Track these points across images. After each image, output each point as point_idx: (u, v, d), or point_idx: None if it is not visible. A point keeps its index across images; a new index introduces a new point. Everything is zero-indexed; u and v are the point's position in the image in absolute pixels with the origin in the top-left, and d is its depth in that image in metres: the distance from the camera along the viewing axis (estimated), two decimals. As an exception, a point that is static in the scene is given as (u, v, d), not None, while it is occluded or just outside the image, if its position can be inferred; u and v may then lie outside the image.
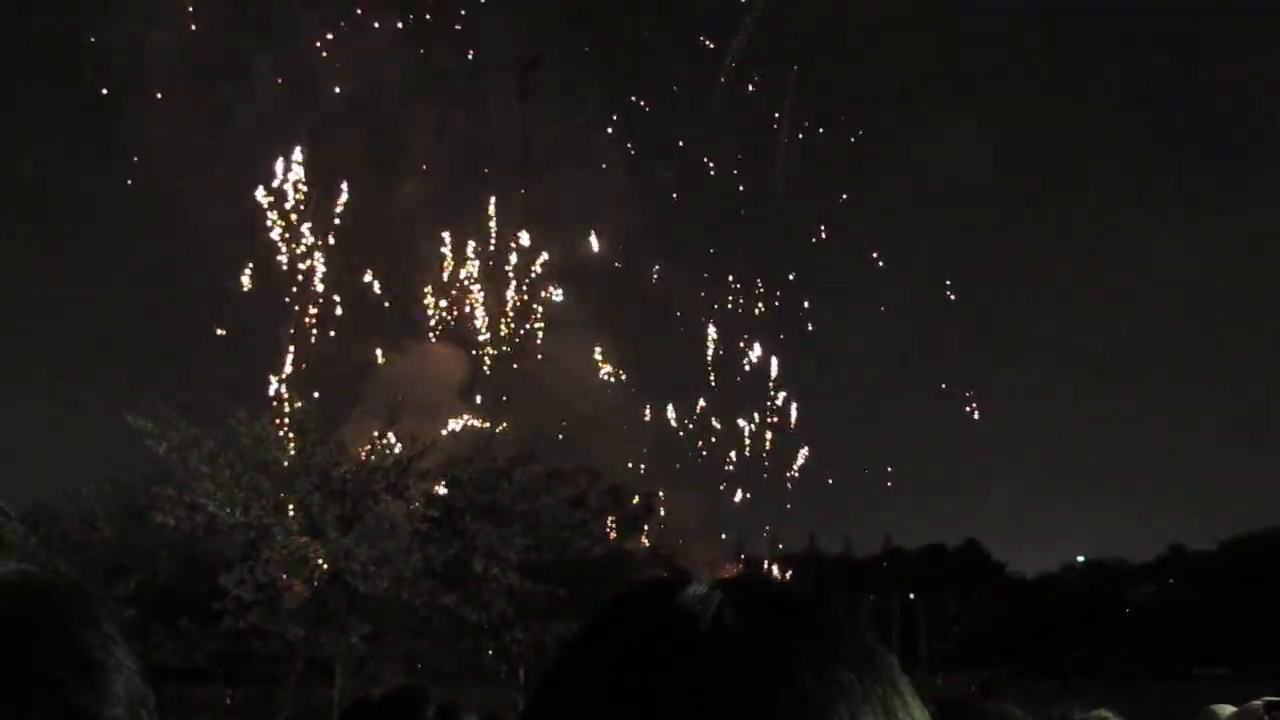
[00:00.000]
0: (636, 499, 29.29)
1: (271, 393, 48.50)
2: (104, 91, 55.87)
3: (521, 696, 26.52)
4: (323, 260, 54.67)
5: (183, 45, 55.30)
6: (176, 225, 56.19)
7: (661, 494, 59.74)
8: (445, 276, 56.87)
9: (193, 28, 54.45)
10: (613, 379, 59.88)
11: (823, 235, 67.10)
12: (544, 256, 56.99)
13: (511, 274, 56.82)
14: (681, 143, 60.50)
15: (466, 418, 53.65)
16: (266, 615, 24.83)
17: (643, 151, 60.94)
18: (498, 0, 57.46)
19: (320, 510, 24.57)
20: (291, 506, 24.80)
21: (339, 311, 55.21)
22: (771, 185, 63.65)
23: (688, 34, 60.03)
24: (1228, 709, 5.75)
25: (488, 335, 56.41)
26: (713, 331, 62.76)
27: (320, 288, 54.06)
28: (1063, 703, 2.75)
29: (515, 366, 57.16)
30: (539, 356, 56.85)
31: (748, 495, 65.91)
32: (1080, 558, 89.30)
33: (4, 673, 0.89)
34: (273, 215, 55.35)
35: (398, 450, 25.12)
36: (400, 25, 56.67)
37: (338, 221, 53.86)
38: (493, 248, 56.94)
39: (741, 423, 67.36)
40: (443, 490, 26.29)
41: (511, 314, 56.95)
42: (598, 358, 58.52)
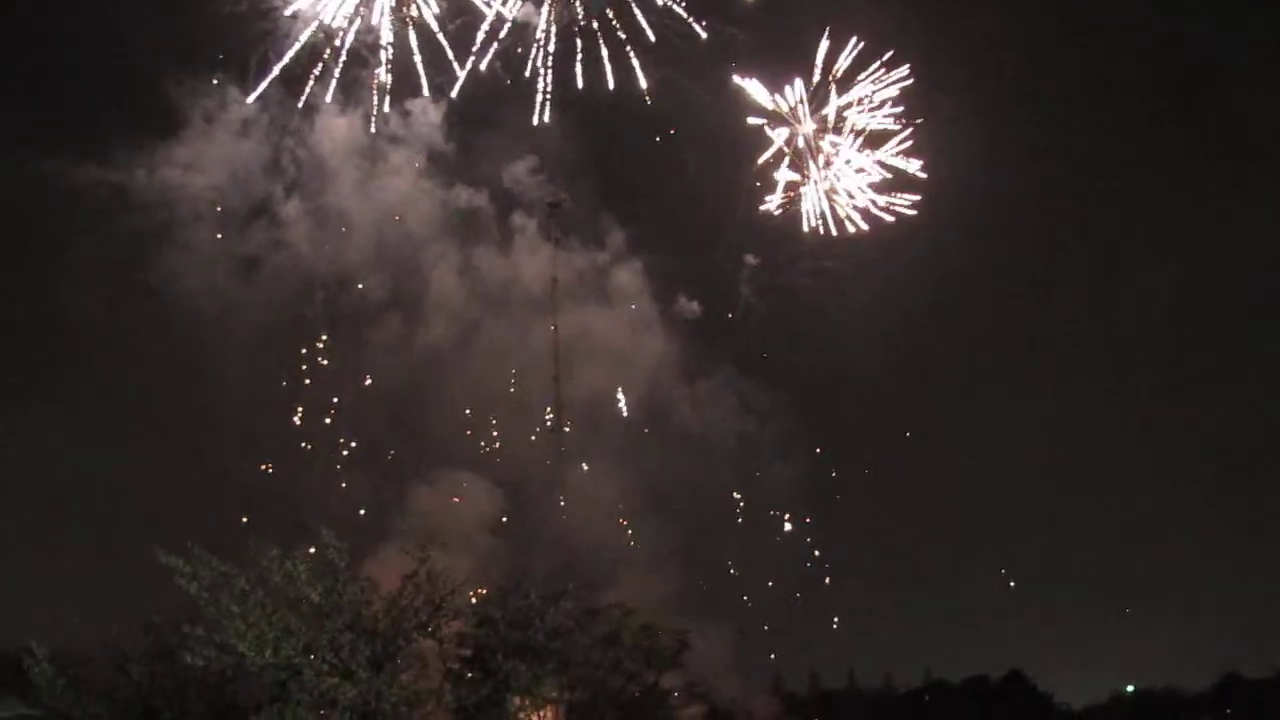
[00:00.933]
0: (668, 636, 28.81)
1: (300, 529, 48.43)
2: (138, 233, 57.58)
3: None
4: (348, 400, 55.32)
5: (216, 195, 57.04)
6: (206, 367, 57.32)
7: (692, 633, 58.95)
8: (469, 412, 57.43)
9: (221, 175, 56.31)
10: (639, 519, 59.79)
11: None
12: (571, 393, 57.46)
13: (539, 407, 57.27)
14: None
15: (496, 552, 53.46)
16: (296, 759, 24.37)
17: (666, 288, 61.75)
18: (519, 145, 59.03)
19: (351, 650, 24.30)
20: (322, 647, 24.53)
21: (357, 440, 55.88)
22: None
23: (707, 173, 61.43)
24: None
25: (517, 469, 56.59)
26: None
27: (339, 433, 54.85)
28: None
29: (547, 499, 57.06)
30: (562, 498, 56.97)
31: (783, 630, 64.72)
32: (1129, 687, 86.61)
33: None
34: (303, 357, 56.49)
35: (428, 588, 24.91)
36: (419, 164, 58.35)
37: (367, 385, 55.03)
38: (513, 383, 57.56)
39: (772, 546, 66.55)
40: (475, 629, 25.97)
41: (542, 445, 57.17)
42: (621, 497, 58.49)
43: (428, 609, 24.72)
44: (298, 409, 55.82)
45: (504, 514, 55.15)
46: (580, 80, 55.76)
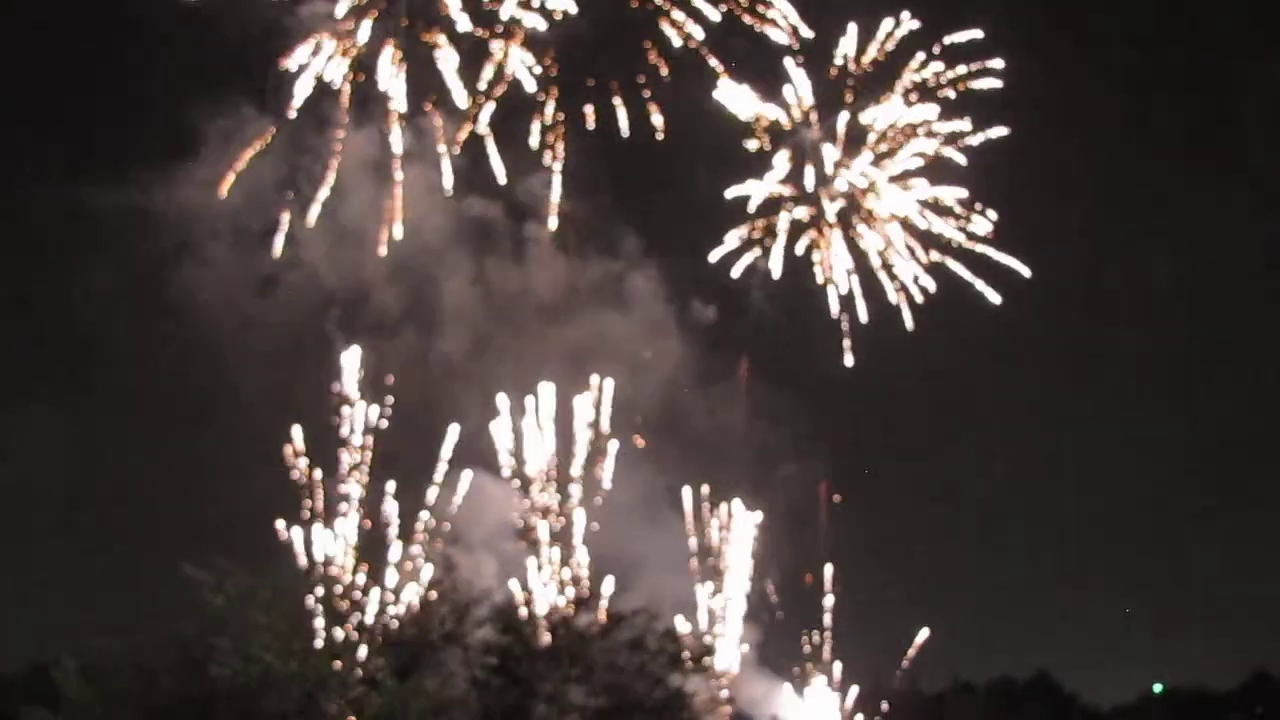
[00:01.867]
0: (700, 638, 28.75)
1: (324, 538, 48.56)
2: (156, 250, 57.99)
3: None
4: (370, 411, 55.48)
5: (232, 211, 57.39)
6: (226, 382, 57.61)
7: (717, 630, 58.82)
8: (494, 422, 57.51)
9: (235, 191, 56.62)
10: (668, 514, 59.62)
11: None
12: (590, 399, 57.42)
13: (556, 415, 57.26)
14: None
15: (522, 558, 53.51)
16: (323, 768, 24.45)
17: (681, 292, 61.63)
18: (533, 156, 59.04)
19: (377, 659, 24.37)
20: (348, 656, 24.61)
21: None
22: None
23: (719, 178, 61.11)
24: None
25: (542, 475, 56.56)
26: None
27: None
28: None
29: (572, 505, 57.06)
30: (597, 499, 56.81)
31: (808, 631, 64.43)
32: (1158, 687, 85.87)
33: None
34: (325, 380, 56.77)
35: (454, 596, 24.97)
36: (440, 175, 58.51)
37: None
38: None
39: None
40: (500, 636, 25.98)
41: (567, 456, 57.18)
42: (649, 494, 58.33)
43: (453, 617, 24.78)
44: (316, 420, 56.07)
45: (527, 517, 55.24)
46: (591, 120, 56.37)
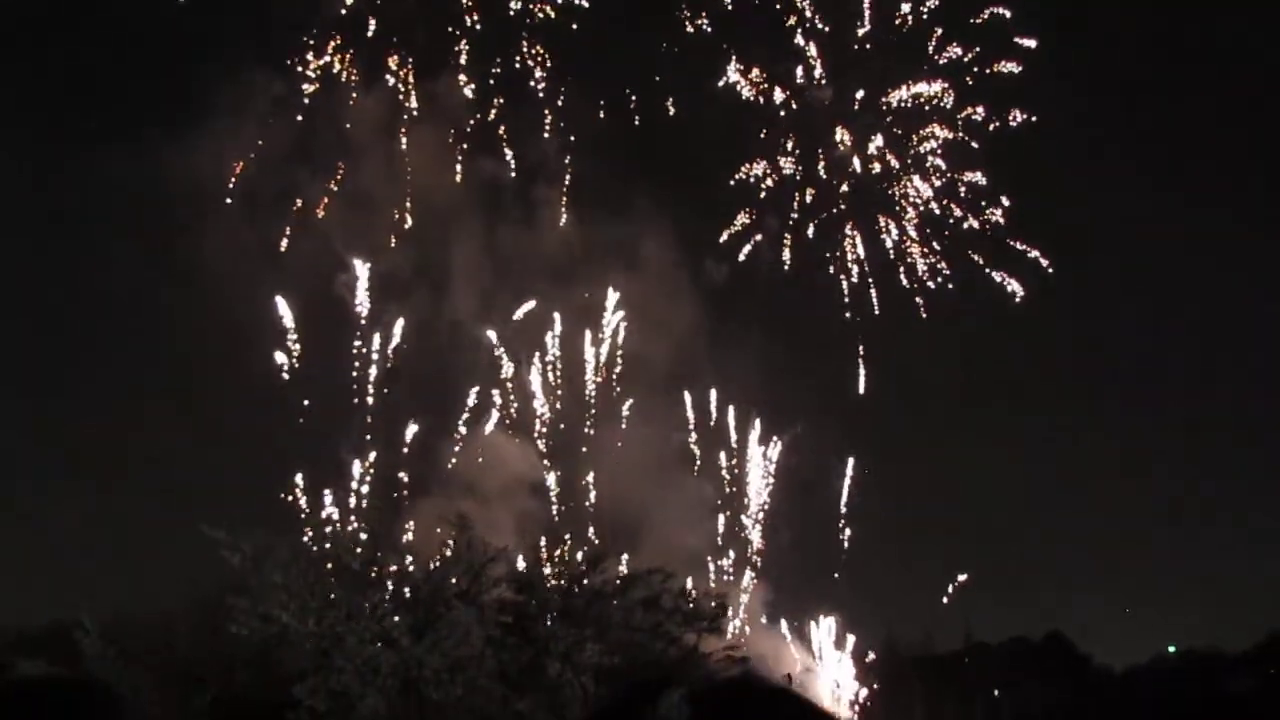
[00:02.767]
0: (712, 599, 28.79)
1: (339, 496, 48.93)
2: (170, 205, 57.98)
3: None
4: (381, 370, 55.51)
5: (247, 171, 57.25)
6: (241, 344, 57.88)
7: (729, 574, 59.17)
8: (504, 374, 57.51)
9: (254, 155, 56.38)
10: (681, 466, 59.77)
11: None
12: (600, 353, 57.37)
13: (560, 369, 57.27)
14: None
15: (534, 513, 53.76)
16: (340, 726, 24.68)
17: (693, 251, 61.43)
18: (544, 118, 58.71)
19: (392, 618, 24.52)
20: (363, 615, 24.77)
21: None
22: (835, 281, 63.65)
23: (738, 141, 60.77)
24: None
25: (548, 428, 56.70)
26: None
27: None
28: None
29: (584, 450, 57.22)
30: (615, 441, 56.93)
31: (823, 587, 64.67)
32: (1171, 647, 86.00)
33: None
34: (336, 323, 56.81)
35: (469, 556, 25.05)
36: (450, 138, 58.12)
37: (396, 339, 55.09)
38: (553, 352, 57.49)
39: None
40: (515, 595, 26.10)
41: (589, 400, 57.22)
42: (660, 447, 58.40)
43: (468, 576, 24.89)
44: (332, 381, 56.26)
45: (541, 474, 55.54)
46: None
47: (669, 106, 58.74)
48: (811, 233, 61.35)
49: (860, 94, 59.72)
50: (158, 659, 26.73)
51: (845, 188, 60.22)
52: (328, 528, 24.62)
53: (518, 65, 57.55)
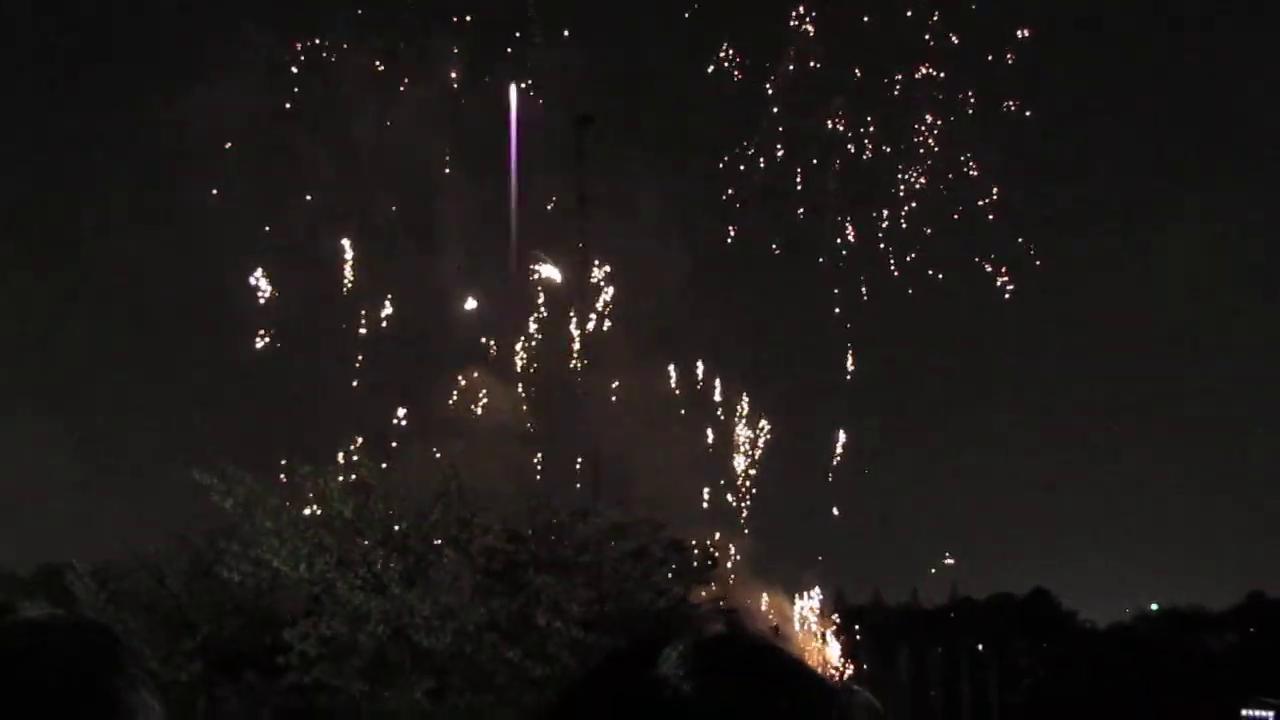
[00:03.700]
0: (703, 549, 28.99)
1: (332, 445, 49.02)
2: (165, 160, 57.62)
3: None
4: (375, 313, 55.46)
5: (243, 126, 56.84)
6: (230, 292, 57.76)
7: (718, 536, 59.55)
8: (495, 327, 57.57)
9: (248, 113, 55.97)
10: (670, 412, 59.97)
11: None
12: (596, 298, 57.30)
13: (547, 308, 57.21)
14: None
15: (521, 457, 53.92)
16: (331, 670, 24.86)
17: (691, 205, 61.35)
18: (536, 71, 58.28)
19: (383, 565, 24.63)
20: (355, 562, 24.88)
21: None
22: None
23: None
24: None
25: (536, 369, 56.78)
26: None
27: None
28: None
29: (577, 395, 57.35)
30: (589, 391, 57.07)
31: (810, 543, 65.16)
32: (1154, 605, 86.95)
33: (32, 703, 0.96)
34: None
35: (458, 505, 25.11)
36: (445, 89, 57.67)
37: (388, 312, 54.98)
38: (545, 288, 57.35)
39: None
40: (504, 544, 26.21)
41: (573, 348, 57.25)
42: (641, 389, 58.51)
43: (458, 524, 24.97)
44: (323, 330, 56.21)
45: (529, 422, 55.74)
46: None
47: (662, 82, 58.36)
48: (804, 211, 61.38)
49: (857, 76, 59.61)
50: (148, 602, 26.86)
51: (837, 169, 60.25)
52: (321, 476, 24.55)
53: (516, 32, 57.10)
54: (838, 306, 66.43)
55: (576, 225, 58.46)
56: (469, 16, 57.56)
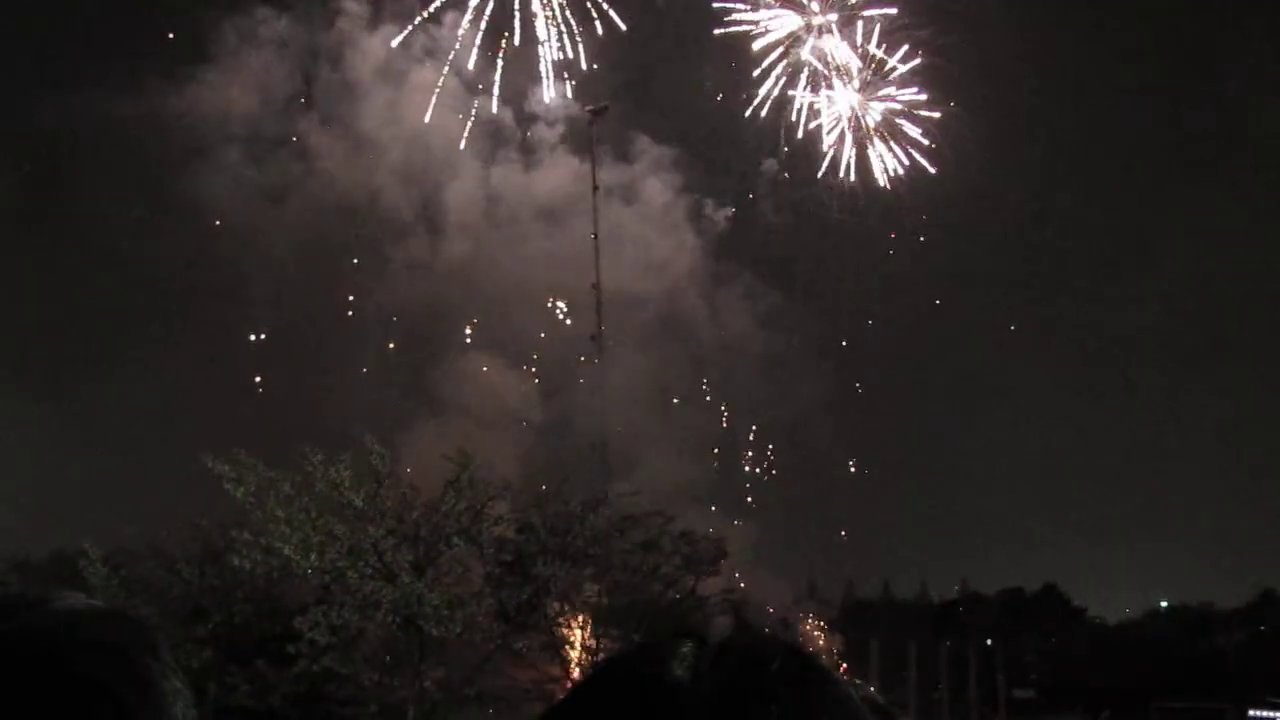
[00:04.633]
0: (711, 540, 28.95)
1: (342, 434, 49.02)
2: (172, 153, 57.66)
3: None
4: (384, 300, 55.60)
5: (249, 117, 56.94)
6: (240, 284, 57.95)
7: (737, 523, 59.58)
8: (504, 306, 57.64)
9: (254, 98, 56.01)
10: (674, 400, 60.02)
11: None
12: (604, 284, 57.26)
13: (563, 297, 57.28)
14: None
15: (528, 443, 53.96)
16: (341, 659, 24.93)
17: (699, 192, 61.32)
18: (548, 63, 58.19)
19: (394, 554, 24.65)
20: (365, 551, 24.90)
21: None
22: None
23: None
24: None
25: (553, 364, 56.83)
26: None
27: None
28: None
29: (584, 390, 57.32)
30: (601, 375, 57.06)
31: (821, 538, 65.10)
32: (1164, 602, 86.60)
33: (73, 689, 0.99)
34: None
35: (470, 494, 25.10)
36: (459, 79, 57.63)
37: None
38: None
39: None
40: (515, 534, 26.22)
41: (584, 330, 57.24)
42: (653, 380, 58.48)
43: (469, 515, 24.96)
44: (334, 318, 56.30)
45: (539, 405, 55.78)
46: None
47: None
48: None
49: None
50: (160, 588, 26.96)
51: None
52: (331, 466, 24.56)
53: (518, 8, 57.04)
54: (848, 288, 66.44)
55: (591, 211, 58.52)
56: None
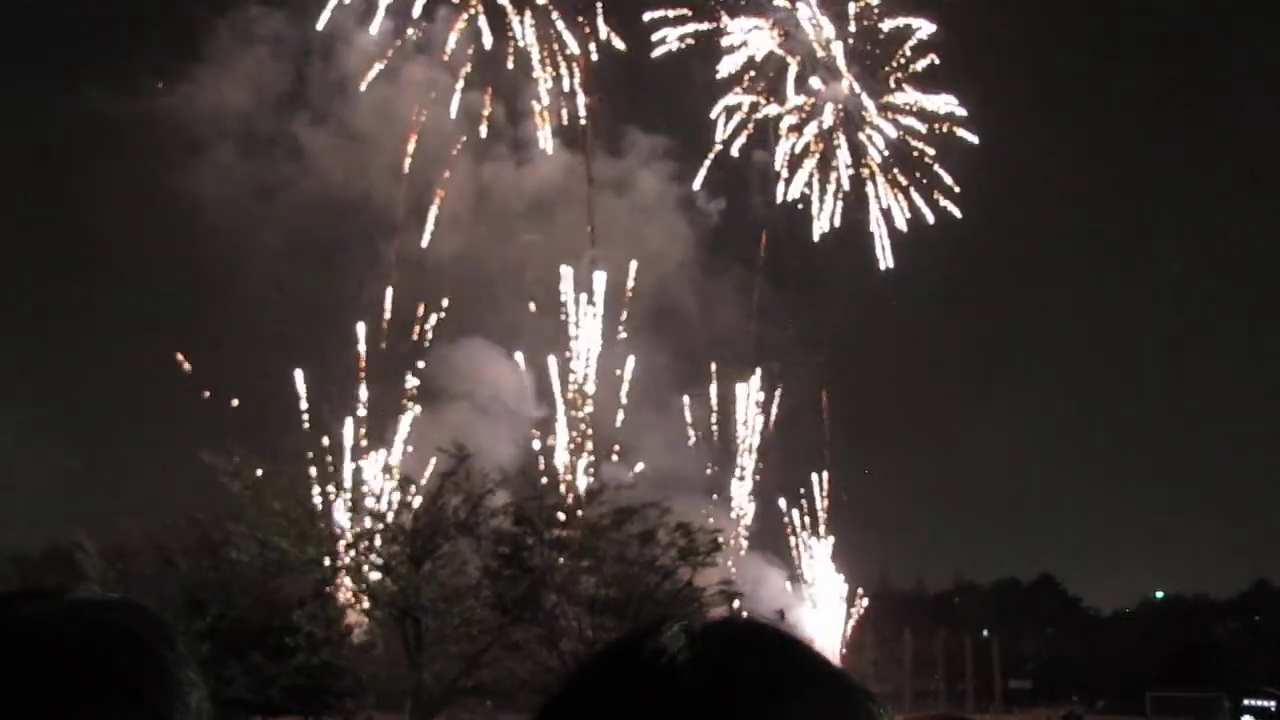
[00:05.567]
0: (707, 531, 28.95)
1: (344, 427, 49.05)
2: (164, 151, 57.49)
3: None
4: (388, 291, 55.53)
5: (243, 114, 56.76)
6: (232, 279, 57.90)
7: (734, 512, 59.66)
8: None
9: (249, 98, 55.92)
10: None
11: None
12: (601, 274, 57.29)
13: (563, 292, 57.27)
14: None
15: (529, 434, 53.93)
16: (338, 651, 24.98)
17: (690, 185, 61.27)
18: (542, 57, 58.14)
19: (390, 547, 24.69)
20: (363, 543, 24.94)
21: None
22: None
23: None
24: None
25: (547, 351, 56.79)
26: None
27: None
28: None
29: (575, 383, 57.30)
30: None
31: (816, 534, 65.06)
32: (1159, 593, 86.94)
33: (92, 678, 1.00)
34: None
35: (467, 486, 25.12)
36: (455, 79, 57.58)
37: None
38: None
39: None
40: (512, 526, 26.23)
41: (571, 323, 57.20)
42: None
43: (466, 507, 24.99)
44: (327, 315, 56.31)
45: (534, 395, 55.79)
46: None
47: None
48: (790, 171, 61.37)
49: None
50: (157, 582, 26.95)
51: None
52: (329, 459, 24.58)
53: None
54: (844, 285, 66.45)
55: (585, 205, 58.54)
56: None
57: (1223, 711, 54.51)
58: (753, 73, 59.75)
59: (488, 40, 57.28)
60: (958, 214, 62.03)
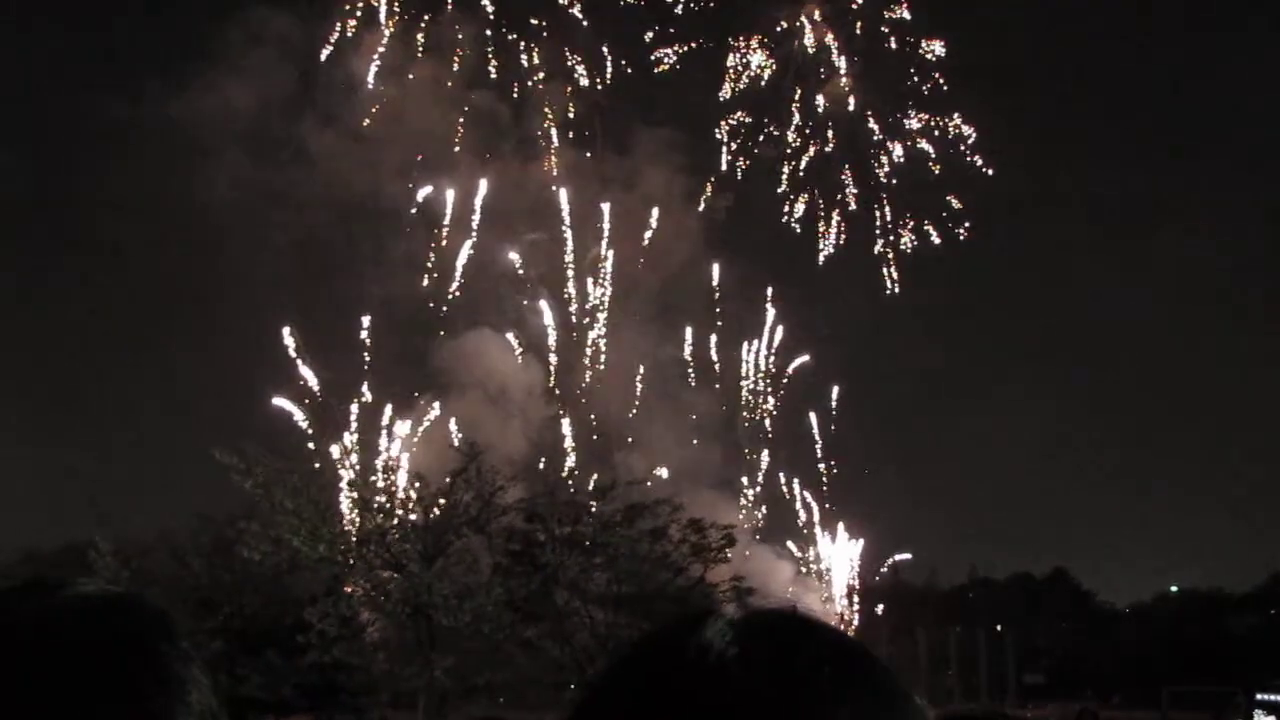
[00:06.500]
0: (719, 527, 28.86)
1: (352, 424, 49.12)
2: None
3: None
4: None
5: (250, 119, 56.86)
6: (240, 280, 58.08)
7: (743, 508, 59.60)
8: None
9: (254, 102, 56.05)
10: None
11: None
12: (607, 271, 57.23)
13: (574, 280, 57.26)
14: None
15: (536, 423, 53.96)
16: (351, 649, 25.01)
17: (700, 180, 61.19)
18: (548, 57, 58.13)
19: (402, 545, 24.70)
20: (374, 541, 24.95)
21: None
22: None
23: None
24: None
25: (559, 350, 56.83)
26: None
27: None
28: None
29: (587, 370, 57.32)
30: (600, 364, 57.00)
31: (827, 528, 64.90)
32: (1174, 587, 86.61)
33: (90, 678, 0.98)
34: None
35: (478, 483, 25.10)
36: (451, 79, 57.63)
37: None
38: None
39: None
40: (524, 523, 26.22)
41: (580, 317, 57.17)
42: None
43: (477, 504, 24.98)
44: (335, 309, 56.42)
45: (543, 384, 55.87)
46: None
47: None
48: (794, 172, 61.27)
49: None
50: (170, 580, 27.02)
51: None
52: (341, 457, 24.59)
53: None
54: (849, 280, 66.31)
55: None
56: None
57: (1240, 707, 54.30)
58: (757, 92, 59.75)
59: (494, 41, 57.28)
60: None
